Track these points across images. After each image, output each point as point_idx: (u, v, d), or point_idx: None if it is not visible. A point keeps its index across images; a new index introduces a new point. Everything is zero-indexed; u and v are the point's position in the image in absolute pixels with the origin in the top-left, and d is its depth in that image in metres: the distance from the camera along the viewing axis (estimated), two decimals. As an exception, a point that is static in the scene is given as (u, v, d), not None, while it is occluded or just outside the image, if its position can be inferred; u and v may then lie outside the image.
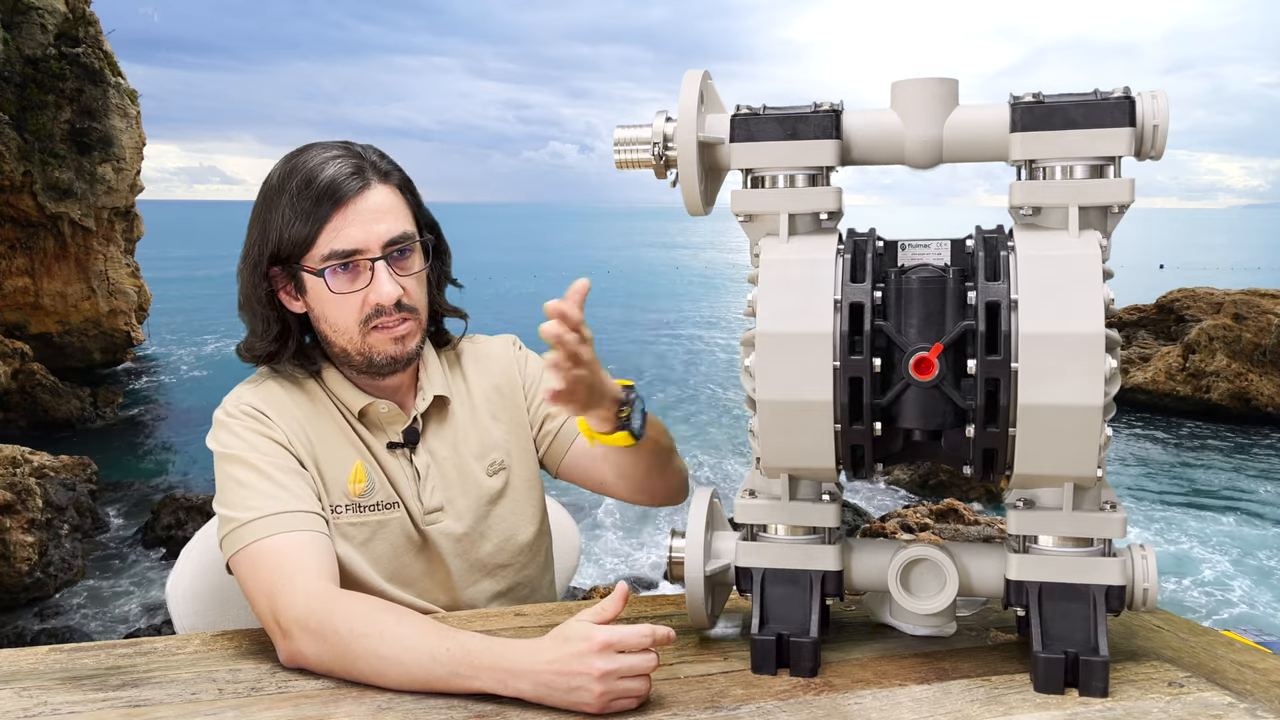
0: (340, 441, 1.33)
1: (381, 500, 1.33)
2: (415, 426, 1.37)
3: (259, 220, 1.29)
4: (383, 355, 1.30)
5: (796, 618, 1.11)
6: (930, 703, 1.01)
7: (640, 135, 1.13)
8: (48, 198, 13.88)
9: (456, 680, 1.03)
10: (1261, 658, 1.17)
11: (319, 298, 1.28)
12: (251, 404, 1.30)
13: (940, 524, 7.38)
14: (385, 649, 1.06)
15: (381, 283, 1.26)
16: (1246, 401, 12.68)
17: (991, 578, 1.12)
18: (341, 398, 1.34)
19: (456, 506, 1.38)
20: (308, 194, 1.24)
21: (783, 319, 1.03)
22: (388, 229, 1.26)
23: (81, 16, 14.37)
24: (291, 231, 1.25)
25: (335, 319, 1.29)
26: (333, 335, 1.30)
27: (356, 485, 1.31)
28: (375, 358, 1.30)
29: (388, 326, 1.28)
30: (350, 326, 1.28)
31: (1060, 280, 0.98)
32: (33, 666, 1.13)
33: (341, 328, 1.29)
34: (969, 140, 1.08)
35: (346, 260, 1.25)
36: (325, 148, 1.29)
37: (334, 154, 1.27)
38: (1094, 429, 0.98)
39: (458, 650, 1.03)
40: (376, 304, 1.26)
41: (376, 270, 1.26)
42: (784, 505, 1.12)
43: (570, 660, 0.99)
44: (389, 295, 1.26)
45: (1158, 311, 14.67)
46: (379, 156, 1.31)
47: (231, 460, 1.26)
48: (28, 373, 12.67)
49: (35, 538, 7.57)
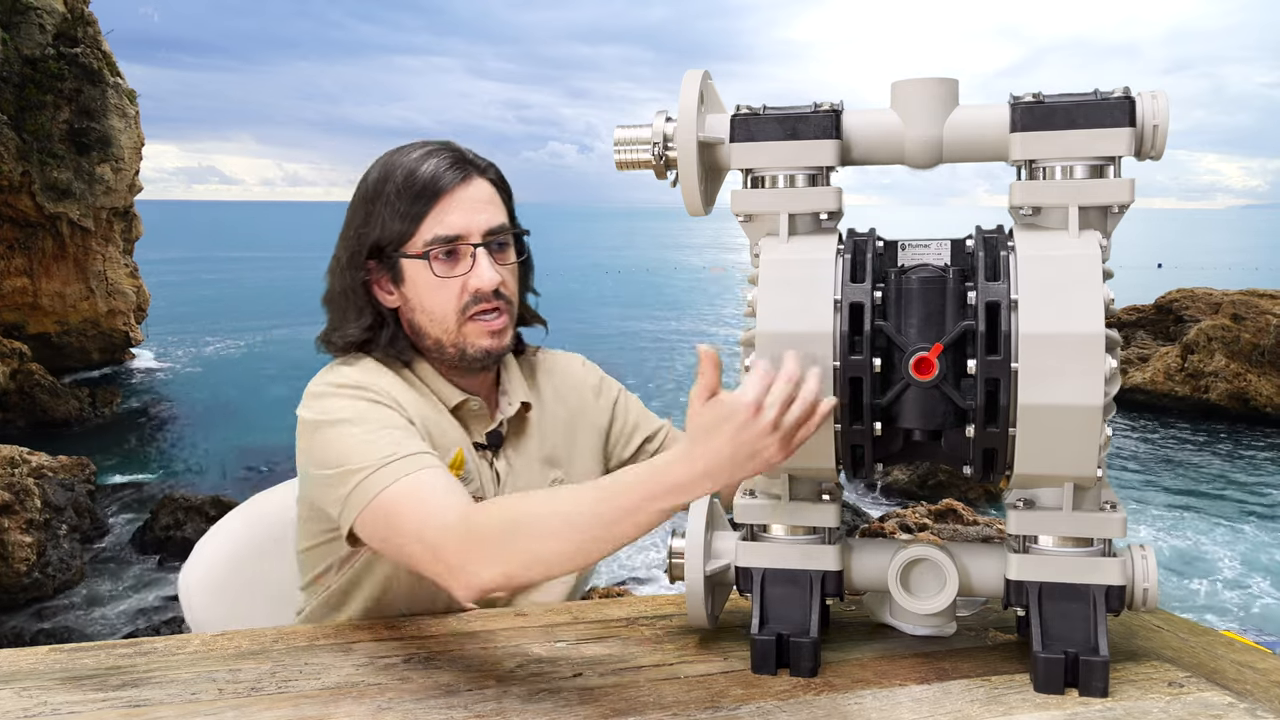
0: (442, 426, 1.32)
1: (474, 491, 1.32)
2: (500, 430, 1.38)
3: (359, 214, 1.31)
4: (477, 348, 1.30)
5: (796, 618, 1.11)
6: (930, 703, 1.02)
7: (640, 135, 1.13)
8: (46, 198, 13.88)
9: (629, 519, 0.99)
10: (1261, 658, 1.17)
11: (417, 286, 1.29)
12: (356, 380, 1.27)
13: (940, 524, 7.39)
14: (544, 524, 1.02)
15: (483, 268, 1.28)
16: (1245, 402, 12.69)
17: (991, 578, 1.12)
18: (437, 390, 1.34)
19: None
20: (411, 185, 1.27)
21: (783, 319, 1.03)
22: (488, 219, 1.30)
23: (80, 16, 14.37)
24: (396, 221, 1.27)
25: (433, 307, 1.30)
26: (428, 325, 1.31)
27: (456, 469, 1.30)
28: (469, 350, 1.31)
29: (485, 317, 1.29)
30: (448, 315, 1.29)
31: (1060, 280, 0.98)
32: (33, 666, 1.13)
33: (439, 316, 1.30)
34: (969, 140, 1.08)
35: (449, 246, 1.27)
36: (423, 145, 1.32)
37: (433, 149, 1.31)
38: (1094, 429, 0.98)
39: (615, 488, 1.00)
40: (476, 289, 1.28)
41: (478, 256, 1.28)
42: (784, 505, 1.12)
43: (736, 439, 0.94)
44: (490, 280, 1.28)
45: (1157, 312, 14.69)
46: (475, 155, 1.34)
47: (340, 423, 1.21)
48: (26, 373, 12.66)
49: (34, 538, 7.56)
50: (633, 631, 1.24)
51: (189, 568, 1.54)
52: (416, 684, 1.08)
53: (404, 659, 1.16)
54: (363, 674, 1.11)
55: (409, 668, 1.13)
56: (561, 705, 1.02)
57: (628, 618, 1.28)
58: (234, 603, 1.53)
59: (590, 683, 1.08)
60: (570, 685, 1.07)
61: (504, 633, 1.24)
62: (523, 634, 1.23)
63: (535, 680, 1.09)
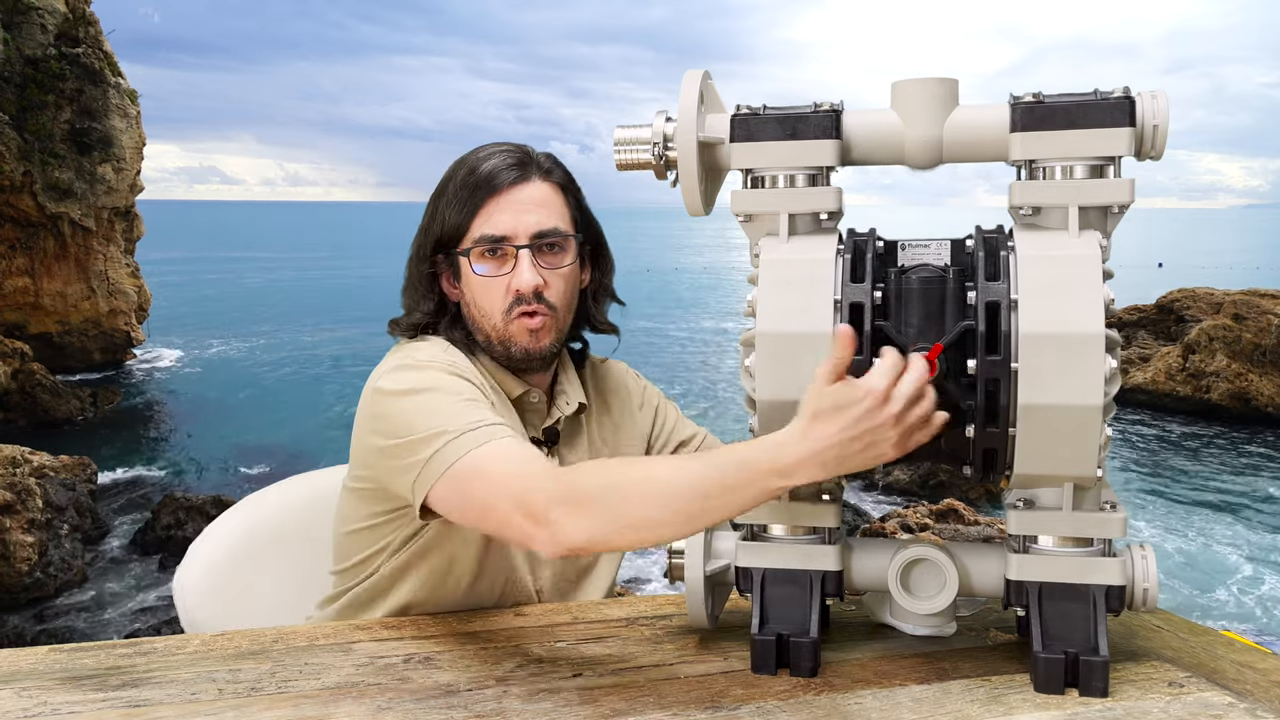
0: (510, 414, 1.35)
1: None
2: (556, 427, 1.40)
3: (429, 209, 1.36)
4: (519, 347, 1.33)
5: (796, 618, 1.11)
6: (930, 703, 1.02)
7: (640, 135, 1.13)
8: (48, 198, 13.89)
9: (730, 496, 0.98)
10: (1261, 658, 1.17)
11: (470, 282, 1.33)
12: (434, 355, 1.29)
13: (940, 524, 7.39)
14: (646, 489, 1.01)
15: (523, 269, 1.30)
16: (1246, 401, 12.68)
17: (991, 578, 1.12)
18: (500, 380, 1.36)
19: None
20: (469, 182, 1.31)
21: (783, 319, 1.03)
22: (538, 220, 1.31)
23: (81, 17, 14.38)
24: (451, 216, 1.31)
25: (483, 303, 1.33)
26: (481, 320, 1.34)
27: None
28: (512, 348, 1.33)
29: (524, 314, 1.31)
30: (495, 312, 1.32)
31: (1060, 280, 0.98)
32: (33, 666, 1.13)
33: (488, 312, 1.33)
34: (969, 140, 1.08)
35: (494, 245, 1.30)
36: (495, 145, 1.35)
37: (501, 149, 1.34)
38: (1094, 429, 0.98)
39: (723, 462, 0.99)
40: (517, 291, 1.30)
41: (520, 258, 1.30)
42: (784, 505, 1.12)
43: (857, 426, 0.93)
44: (528, 283, 1.30)
45: (1158, 311, 14.68)
46: (546, 158, 1.36)
47: (422, 392, 1.21)
48: (27, 373, 12.67)
49: (35, 538, 7.57)
50: (633, 631, 1.24)
51: (184, 571, 1.53)
52: (416, 684, 1.08)
53: (404, 659, 1.16)
54: (363, 674, 1.11)
55: (409, 668, 1.13)
56: (561, 705, 1.02)
57: (628, 618, 1.29)
58: (230, 605, 1.52)
59: (590, 683, 1.08)
60: (570, 685, 1.07)
61: (504, 633, 1.24)
62: (523, 634, 1.24)
63: (535, 680, 1.09)
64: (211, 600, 1.52)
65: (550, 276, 1.32)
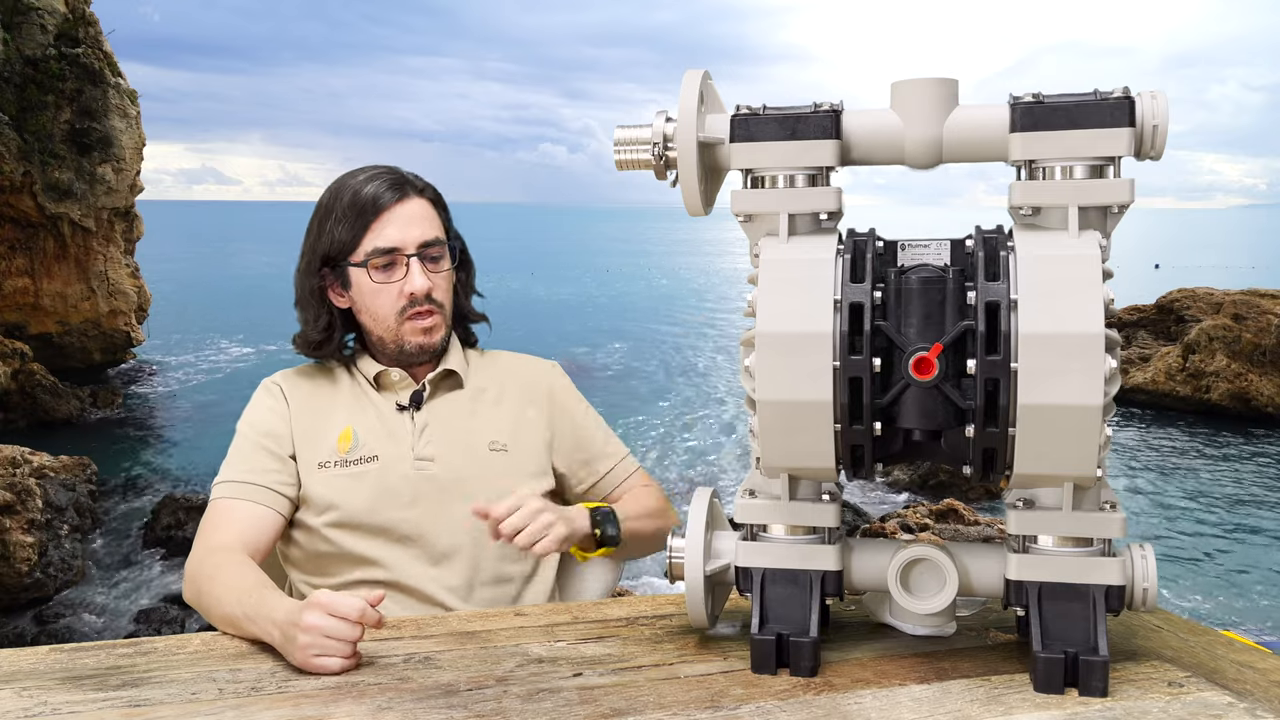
0: (346, 410, 1.55)
1: (364, 455, 1.52)
2: (421, 391, 1.56)
3: (314, 229, 1.52)
4: (413, 344, 1.51)
5: (796, 618, 1.11)
6: (930, 703, 1.02)
7: (640, 135, 1.13)
8: (48, 198, 13.88)
9: (248, 624, 1.21)
10: (1261, 658, 1.17)
11: (361, 290, 1.50)
12: (277, 380, 1.58)
13: (940, 524, 7.39)
14: (216, 590, 1.29)
15: (414, 275, 1.48)
16: (1246, 402, 12.68)
17: (991, 578, 1.12)
18: (362, 368, 1.58)
19: (450, 460, 1.54)
20: (355, 204, 1.48)
21: (782, 319, 1.03)
22: (421, 233, 1.49)
23: (81, 17, 14.37)
24: (341, 234, 1.48)
25: (375, 309, 1.50)
26: (372, 325, 1.53)
27: (343, 444, 1.53)
28: (406, 345, 1.52)
29: (419, 319, 1.50)
30: (388, 316, 1.50)
31: (1060, 280, 0.98)
32: (33, 666, 1.13)
33: (381, 317, 1.51)
34: (969, 140, 1.08)
35: (386, 257, 1.47)
36: (369, 169, 1.53)
37: (376, 173, 1.52)
38: (1094, 429, 0.98)
39: (256, 599, 1.21)
40: (410, 294, 1.48)
41: (411, 265, 1.48)
42: (784, 505, 1.12)
43: (292, 613, 1.13)
44: (421, 286, 1.48)
45: (1157, 312, 14.68)
46: (416, 177, 1.54)
47: (239, 426, 1.55)
48: (28, 373, 12.66)
49: (35, 538, 7.57)
50: (633, 631, 1.24)
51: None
52: (416, 684, 1.08)
53: (404, 659, 1.16)
54: (363, 674, 1.11)
55: (409, 668, 1.13)
56: (561, 705, 1.02)
57: (628, 618, 1.29)
58: None
59: (590, 683, 1.08)
60: (570, 685, 1.07)
61: (504, 633, 1.24)
62: (523, 634, 1.24)
63: (535, 680, 1.09)
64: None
65: (436, 279, 1.51)
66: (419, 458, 1.52)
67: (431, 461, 1.52)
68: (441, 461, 1.53)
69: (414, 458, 1.52)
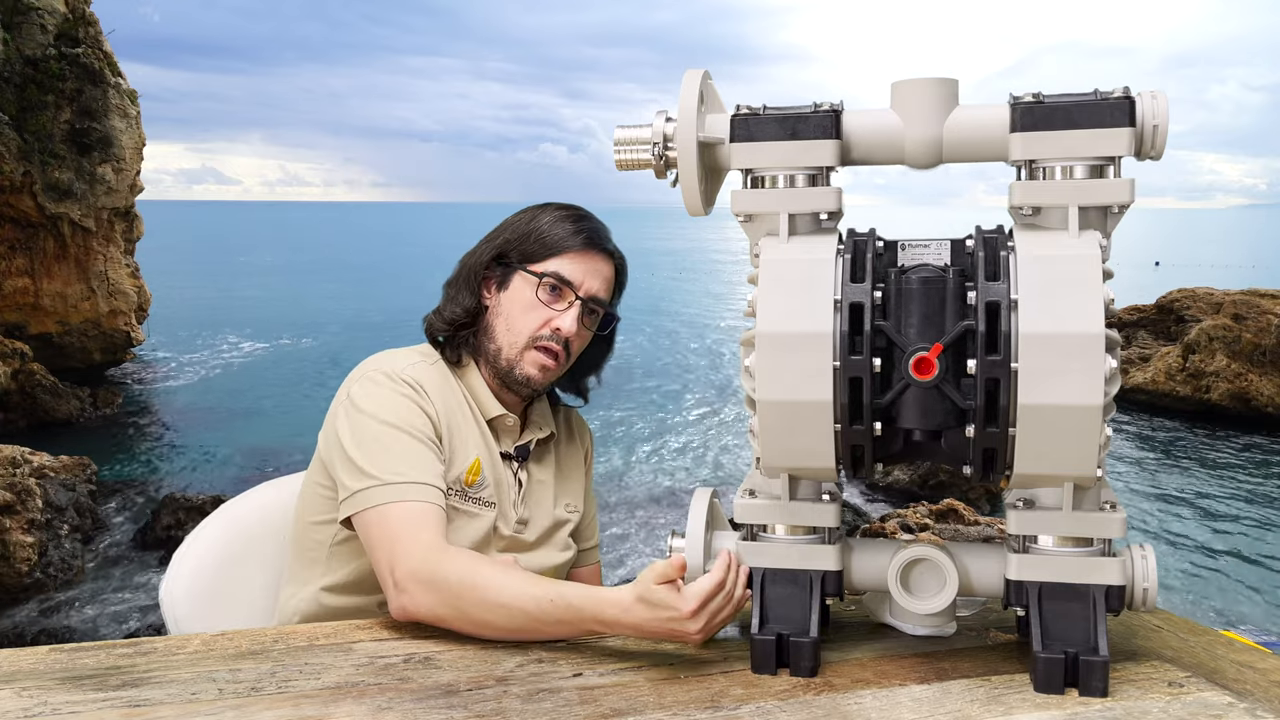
0: (471, 434, 1.49)
1: (485, 497, 1.48)
2: (528, 446, 1.56)
3: (519, 224, 1.52)
4: (523, 373, 1.48)
5: (796, 618, 1.11)
6: (930, 703, 1.02)
7: (640, 135, 1.13)
8: (47, 198, 13.87)
9: (559, 627, 1.17)
10: (1261, 658, 1.17)
11: (515, 299, 1.49)
12: (411, 376, 1.45)
13: (940, 524, 7.38)
14: (492, 597, 1.19)
15: (569, 315, 1.48)
16: (1246, 402, 12.67)
17: (991, 578, 1.12)
18: (479, 399, 1.52)
19: (539, 524, 1.56)
20: (570, 227, 1.49)
21: (783, 319, 1.03)
22: (598, 288, 1.51)
23: (81, 17, 14.36)
24: (542, 242, 1.48)
25: (517, 321, 1.49)
26: (500, 334, 1.50)
27: (471, 476, 1.47)
28: (516, 371, 1.49)
29: (545, 354, 1.48)
30: (522, 333, 1.48)
31: (1060, 280, 0.98)
32: (33, 666, 1.13)
33: (516, 330, 1.48)
34: (969, 140, 1.08)
35: (561, 286, 1.48)
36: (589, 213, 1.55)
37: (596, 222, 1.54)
38: (1094, 429, 0.98)
39: (560, 600, 1.16)
40: (556, 328, 1.47)
41: (573, 306, 1.48)
42: (784, 505, 1.12)
43: (666, 624, 1.11)
44: (569, 328, 1.48)
45: (1157, 312, 14.67)
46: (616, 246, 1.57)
47: (379, 421, 1.39)
48: (28, 373, 12.66)
49: (35, 538, 7.56)
50: (633, 631, 1.24)
51: (170, 581, 1.54)
52: (416, 684, 1.08)
53: (404, 659, 1.16)
54: (363, 674, 1.11)
55: (409, 668, 1.13)
56: (561, 705, 1.02)
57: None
58: (219, 609, 1.53)
59: (590, 683, 1.08)
60: (570, 685, 1.07)
61: (504, 633, 1.24)
62: (523, 634, 1.23)
63: (535, 680, 1.09)
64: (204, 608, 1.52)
65: (582, 333, 1.51)
66: (519, 520, 1.53)
67: (526, 525, 1.54)
68: (533, 527, 1.55)
69: (515, 519, 1.52)
